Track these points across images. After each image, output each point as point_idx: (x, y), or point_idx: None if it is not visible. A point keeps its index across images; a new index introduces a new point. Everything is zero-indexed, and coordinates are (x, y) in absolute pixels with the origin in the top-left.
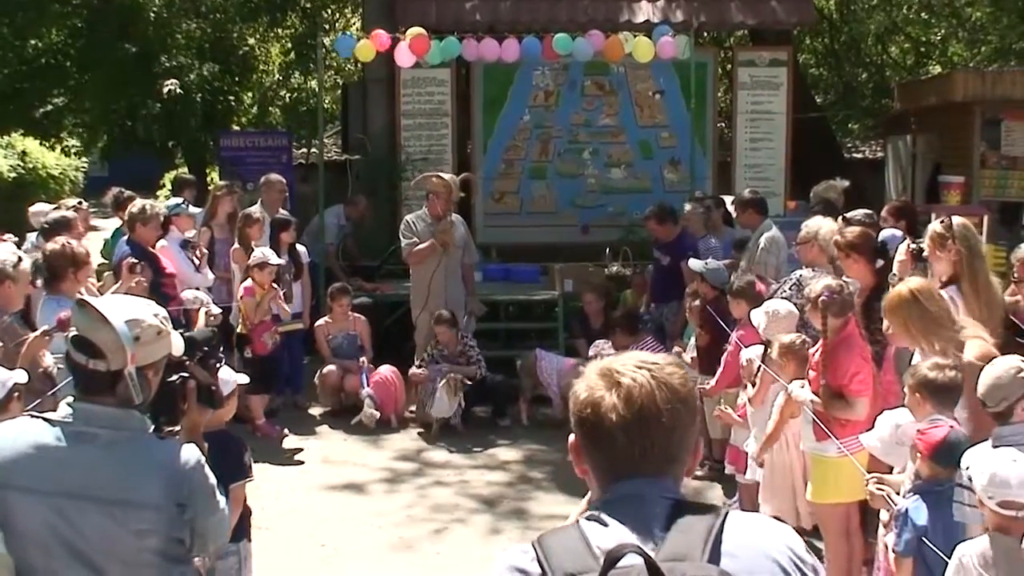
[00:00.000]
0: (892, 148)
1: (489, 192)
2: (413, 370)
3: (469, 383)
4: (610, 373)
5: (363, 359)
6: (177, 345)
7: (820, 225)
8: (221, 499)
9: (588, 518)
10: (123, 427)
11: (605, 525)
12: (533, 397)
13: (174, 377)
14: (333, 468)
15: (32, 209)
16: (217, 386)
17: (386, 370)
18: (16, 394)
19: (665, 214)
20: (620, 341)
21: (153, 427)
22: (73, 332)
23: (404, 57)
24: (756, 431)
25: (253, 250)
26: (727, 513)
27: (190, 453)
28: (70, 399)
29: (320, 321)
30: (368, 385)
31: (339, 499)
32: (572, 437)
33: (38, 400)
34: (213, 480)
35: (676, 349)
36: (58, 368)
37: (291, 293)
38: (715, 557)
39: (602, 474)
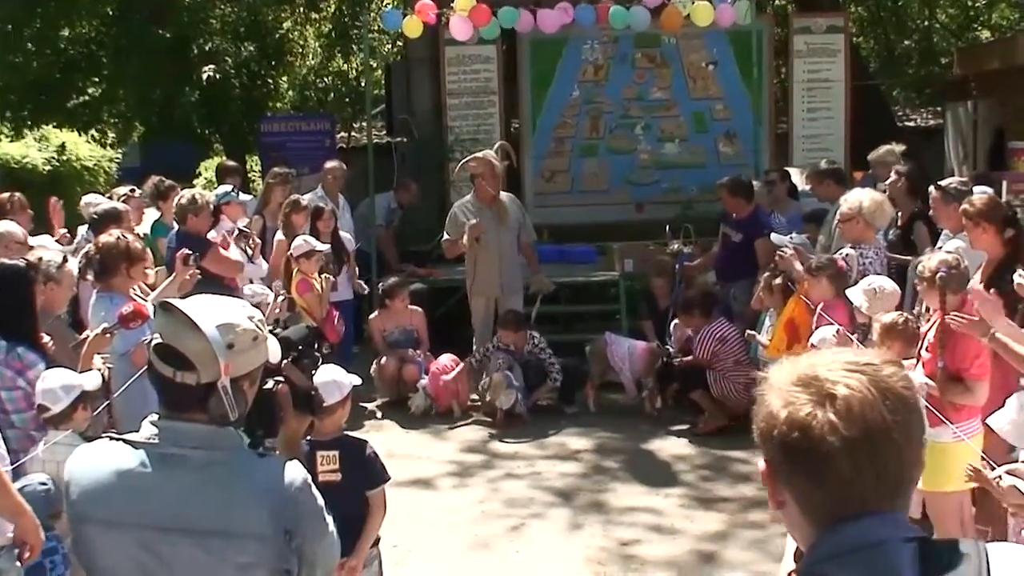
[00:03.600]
0: (951, 115)
1: (539, 171)
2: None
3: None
4: (816, 382)
5: (420, 352)
6: (274, 351)
7: (862, 199)
8: (329, 520)
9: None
10: (217, 446)
11: None
12: (601, 383)
13: (268, 383)
14: (398, 462)
15: (84, 200)
16: (316, 390)
17: (446, 359)
18: (82, 404)
19: (738, 187)
20: (694, 322)
21: (249, 442)
22: (157, 339)
23: (460, 29)
24: None
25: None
26: (986, 551)
27: (295, 472)
28: (154, 416)
29: (373, 315)
30: (426, 375)
31: (407, 496)
32: (763, 464)
33: (96, 411)
34: (320, 500)
35: (749, 333)
36: (109, 368)
37: (337, 282)
38: None
39: (818, 514)
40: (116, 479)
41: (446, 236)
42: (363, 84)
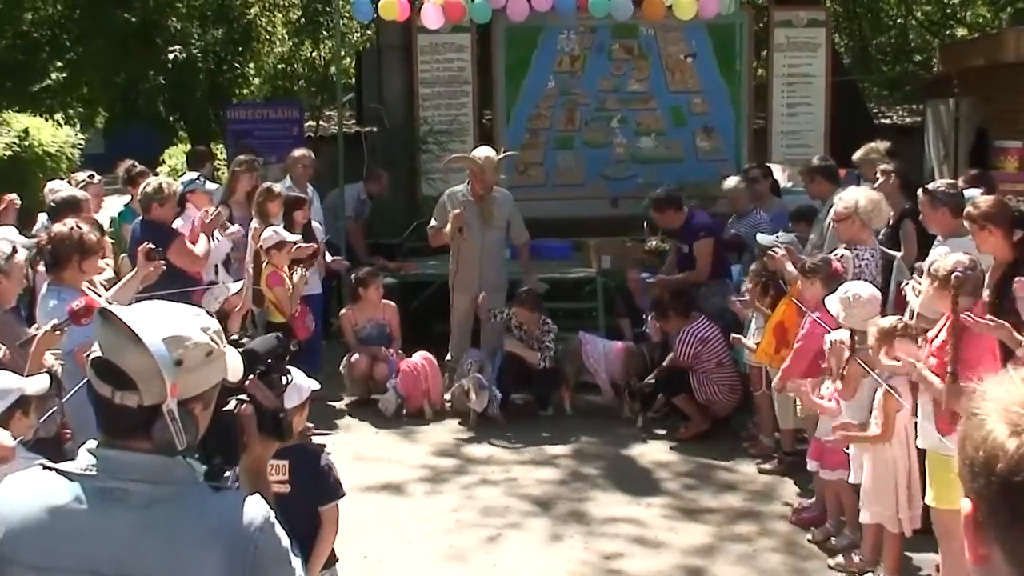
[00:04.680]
0: (932, 112)
1: (513, 163)
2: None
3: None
4: None
5: (392, 349)
6: (234, 367)
7: (858, 197)
8: (296, 562)
9: None
10: (163, 480)
11: None
12: (576, 384)
13: (229, 403)
14: (367, 466)
15: (48, 186)
16: (285, 411)
17: (417, 357)
18: (20, 410)
19: (662, 202)
20: (672, 325)
21: (206, 470)
22: (95, 353)
23: (431, 18)
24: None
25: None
26: None
27: (256, 510)
28: (92, 443)
29: (344, 310)
30: (396, 376)
31: (377, 502)
32: (968, 505)
33: (47, 415)
34: (286, 541)
35: (734, 337)
36: (61, 365)
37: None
38: None
39: None
40: (47, 517)
41: (432, 223)
42: (332, 72)
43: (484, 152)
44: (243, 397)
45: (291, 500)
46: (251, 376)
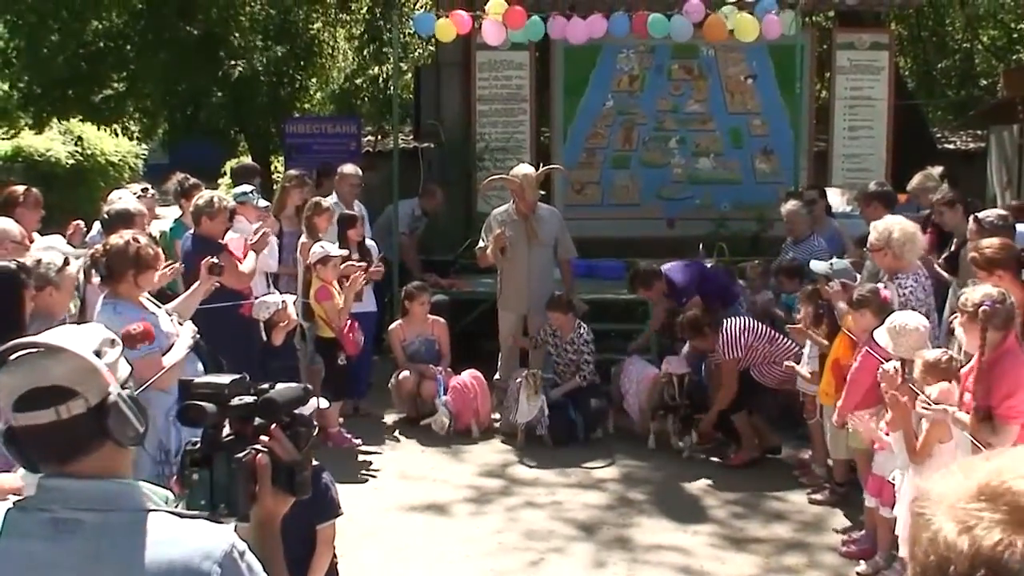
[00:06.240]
0: (996, 138)
1: (568, 182)
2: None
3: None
4: (1009, 495)
5: (441, 367)
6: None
7: (892, 228)
8: None
9: None
10: (117, 507)
11: None
12: (620, 407)
13: (243, 451)
14: (411, 485)
15: (111, 194)
16: (303, 466)
17: (467, 376)
18: None
19: (650, 276)
20: (710, 340)
21: (210, 514)
22: (13, 396)
23: (492, 33)
24: (901, 461)
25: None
26: None
27: (219, 540)
28: (41, 475)
29: (394, 324)
30: (446, 393)
31: (420, 522)
32: None
33: None
34: (257, 573)
35: (788, 364)
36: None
37: (361, 292)
38: None
39: None
40: (2, 551)
41: (481, 243)
42: (391, 87)
43: (522, 170)
44: (260, 447)
45: (287, 517)
46: (272, 425)
